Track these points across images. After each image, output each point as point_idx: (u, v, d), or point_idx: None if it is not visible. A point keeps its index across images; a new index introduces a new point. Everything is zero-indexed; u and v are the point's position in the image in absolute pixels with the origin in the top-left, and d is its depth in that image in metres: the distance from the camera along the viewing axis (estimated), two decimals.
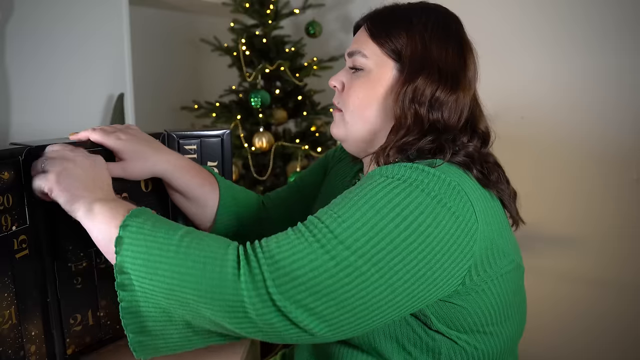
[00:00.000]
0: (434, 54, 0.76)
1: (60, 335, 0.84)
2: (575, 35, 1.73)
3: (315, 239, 0.61)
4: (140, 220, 0.65)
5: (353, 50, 0.83)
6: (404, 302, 0.62)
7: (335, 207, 0.65)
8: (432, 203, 0.62)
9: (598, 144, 1.70)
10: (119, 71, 1.50)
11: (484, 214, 0.67)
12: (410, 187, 0.63)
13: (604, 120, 1.69)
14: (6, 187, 0.73)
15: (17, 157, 0.75)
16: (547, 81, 1.77)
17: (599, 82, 1.70)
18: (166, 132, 0.96)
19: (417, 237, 0.61)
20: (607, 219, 1.70)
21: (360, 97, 0.80)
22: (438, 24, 0.79)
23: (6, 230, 0.73)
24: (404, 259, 0.60)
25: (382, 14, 0.83)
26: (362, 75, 0.81)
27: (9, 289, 0.74)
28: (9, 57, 1.22)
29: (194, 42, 2.23)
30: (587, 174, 1.71)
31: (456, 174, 0.67)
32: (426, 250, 0.61)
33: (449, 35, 0.79)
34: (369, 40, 0.81)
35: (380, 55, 0.79)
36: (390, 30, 0.79)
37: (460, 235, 0.63)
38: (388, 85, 0.78)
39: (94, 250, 0.87)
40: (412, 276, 0.61)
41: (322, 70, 1.97)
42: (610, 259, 1.69)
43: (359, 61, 0.81)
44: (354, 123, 0.81)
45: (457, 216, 0.63)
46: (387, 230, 0.60)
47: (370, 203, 0.63)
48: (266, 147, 1.78)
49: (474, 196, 0.66)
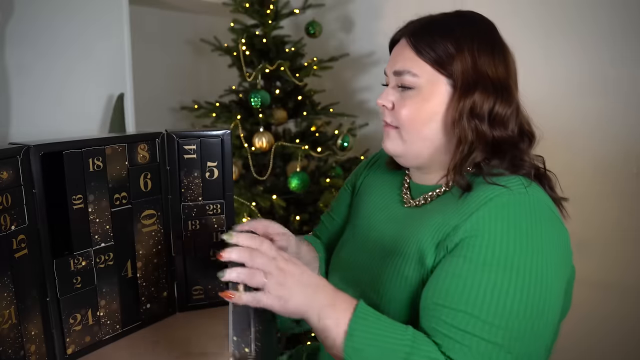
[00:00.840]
0: (484, 67, 0.77)
1: (60, 335, 0.84)
2: (574, 32, 1.73)
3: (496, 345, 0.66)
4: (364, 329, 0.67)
5: (401, 70, 0.81)
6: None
7: (476, 309, 0.67)
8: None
9: (598, 144, 1.70)
10: (119, 71, 1.50)
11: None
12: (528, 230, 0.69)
13: (604, 120, 1.69)
14: (5, 187, 0.73)
15: (16, 156, 0.75)
16: (546, 78, 1.77)
17: (598, 78, 1.70)
18: (166, 132, 0.96)
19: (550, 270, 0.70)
20: (608, 220, 1.70)
21: (416, 116, 0.79)
22: (481, 34, 0.79)
23: (5, 229, 0.73)
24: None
25: (422, 27, 0.81)
26: (414, 93, 0.79)
27: (8, 288, 0.74)
28: (9, 57, 1.22)
29: (194, 42, 2.23)
30: (587, 174, 1.71)
31: (543, 196, 0.74)
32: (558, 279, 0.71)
33: (493, 44, 0.79)
34: (415, 58, 0.79)
35: (431, 72, 0.78)
36: (437, 46, 0.77)
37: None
38: (443, 101, 0.78)
39: (93, 249, 0.87)
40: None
41: (322, 70, 1.97)
42: (611, 261, 1.69)
43: (409, 80, 0.79)
44: (413, 141, 0.81)
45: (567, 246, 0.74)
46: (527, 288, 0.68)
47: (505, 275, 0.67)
48: (266, 147, 1.78)
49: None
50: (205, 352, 0.89)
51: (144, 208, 0.94)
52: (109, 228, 0.89)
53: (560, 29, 1.75)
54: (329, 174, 1.92)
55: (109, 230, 0.89)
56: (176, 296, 1.02)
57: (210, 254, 1.02)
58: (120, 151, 0.89)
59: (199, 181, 0.99)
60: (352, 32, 2.31)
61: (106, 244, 0.89)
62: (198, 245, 1.01)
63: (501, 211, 0.70)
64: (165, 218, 0.98)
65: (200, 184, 0.99)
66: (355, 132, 1.97)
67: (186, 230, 1.00)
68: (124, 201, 0.91)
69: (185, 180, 0.98)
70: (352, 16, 2.30)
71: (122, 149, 0.89)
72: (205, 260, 1.02)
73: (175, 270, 1.01)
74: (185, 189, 0.99)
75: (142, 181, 0.93)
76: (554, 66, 1.76)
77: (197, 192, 0.99)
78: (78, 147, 0.83)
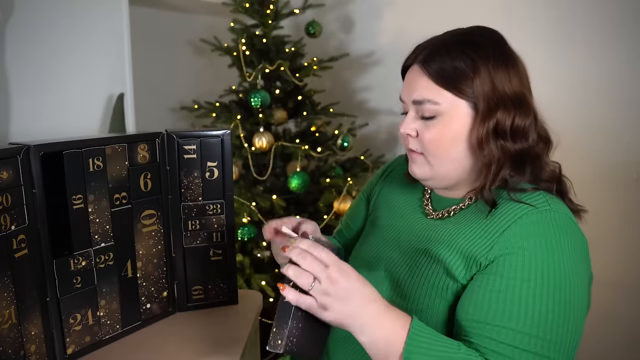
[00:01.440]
0: (502, 84, 0.77)
1: (60, 335, 0.84)
2: (576, 36, 1.73)
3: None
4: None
5: (420, 100, 0.80)
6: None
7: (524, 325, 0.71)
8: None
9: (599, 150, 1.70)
10: (119, 71, 1.50)
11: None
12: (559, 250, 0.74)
13: (604, 125, 1.69)
14: (5, 187, 0.73)
15: (16, 156, 0.75)
16: (546, 81, 1.76)
17: (599, 81, 1.70)
18: (166, 132, 0.96)
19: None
20: (608, 220, 1.70)
21: (441, 140, 0.79)
22: (494, 50, 0.79)
23: (5, 229, 0.73)
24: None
25: (434, 52, 0.79)
26: (437, 120, 0.79)
27: (8, 288, 0.74)
28: (9, 57, 1.22)
29: (194, 42, 2.23)
30: (587, 179, 1.70)
31: (564, 209, 0.79)
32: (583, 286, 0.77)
33: (507, 58, 0.79)
34: (433, 85, 0.79)
35: (451, 97, 0.78)
36: (453, 71, 0.77)
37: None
38: (466, 122, 0.79)
39: (93, 249, 0.87)
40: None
41: (322, 70, 1.97)
42: (612, 262, 1.69)
43: (430, 109, 0.79)
44: (440, 164, 0.81)
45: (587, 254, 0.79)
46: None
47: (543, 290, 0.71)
48: (266, 147, 1.78)
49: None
50: (205, 352, 0.89)
51: (144, 208, 0.94)
52: (109, 228, 0.89)
53: (562, 34, 1.75)
54: (329, 174, 1.92)
55: (109, 230, 0.89)
56: (176, 296, 1.02)
57: (210, 254, 1.02)
58: (120, 151, 0.89)
59: (199, 181, 0.99)
60: (352, 32, 2.31)
61: (106, 244, 0.89)
62: (198, 245, 1.01)
63: (532, 228, 0.74)
64: (165, 218, 0.98)
65: (200, 184, 0.99)
66: (355, 132, 1.98)
67: (186, 230, 1.00)
68: (124, 201, 0.91)
69: (185, 180, 0.98)
70: (352, 16, 2.30)
71: (122, 149, 0.89)
72: (205, 260, 1.02)
73: (175, 270, 1.01)
74: (185, 189, 0.99)
75: (142, 181, 0.93)
76: (555, 72, 1.76)
77: (197, 192, 0.99)
78: (78, 147, 0.83)
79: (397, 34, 2.14)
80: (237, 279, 1.20)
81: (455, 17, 1.95)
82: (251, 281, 1.70)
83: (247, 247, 1.82)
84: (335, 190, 1.83)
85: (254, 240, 1.79)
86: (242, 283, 1.68)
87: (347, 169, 1.98)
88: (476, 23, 0.85)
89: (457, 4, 1.93)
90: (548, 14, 1.76)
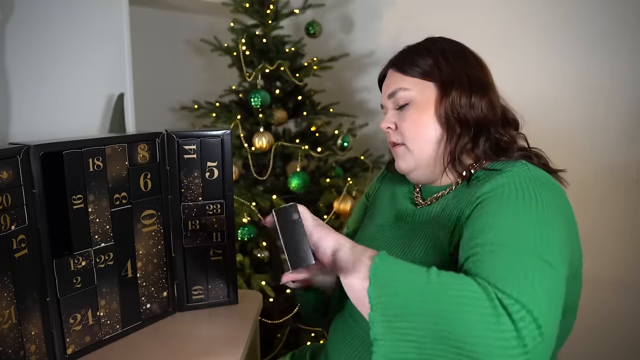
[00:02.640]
0: (457, 67, 0.89)
1: (60, 335, 0.84)
2: (575, 35, 1.73)
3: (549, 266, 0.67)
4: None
5: (392, 91, 0.92)
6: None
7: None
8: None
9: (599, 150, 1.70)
10: (119, 71, 1.49)
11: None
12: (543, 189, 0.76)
13: (603, 121, 1.69)
14: (5, 187, 0.73)
15: (16, 156, 0.75)
16: (546, 80, 1.77)
17: (598, 81, 1.70)
18: (166, 132, 0.96)
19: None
20: (607, 220, 1.70)
21: (417, 123, 0.89)
22: (450, 45, 0.92)
23: (5, 229, 0.73)
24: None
25: (402, 55, 0.94)
26: (411, 107, 0.90)
27: (8, 288, 0.74)
28: (8, 57, 1.22)
29: (194, 42, 2.23)
30: (587, 179, 1.70)
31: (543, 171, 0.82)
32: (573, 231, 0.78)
33: (462, 51, 0.92)
34: (402, 77, 0.91)
35: (418, 82, 0.90)
36: (416, 60, 0.90)
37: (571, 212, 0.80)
38: (434, 103, 0.88)
39: (93, 249, 0.87)
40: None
41: (322, 70, 1.96)
42: (610, 260, 1.69)
43: (402, 96, 0.90)
44: (419, 147, 0.89)
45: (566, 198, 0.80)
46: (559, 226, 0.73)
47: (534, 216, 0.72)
48: (266, 147, 1.77)
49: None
50: (205, 352, 0.89)
51: (144, 208, 0.94)
52: (109, 228, 0.89)
53: (560, 32, 1.75)
54: (329, 174, 1.92)
55: (109, 230, 0.89)
56: (176, 296, 1.02)
57: (210, 254, 1.02)
58: (120, 151, 0.89)
59: (199, 181, 0.99)
60: (352, 32, 2.31)
61: (106, 244, 0.89)
62: (198, 246, 1.01)
63: (509, 178, 0.78)
64: (165, 218, 0.98)
65: (200, 184, 0.99)
66: (355, 132, 1.97)
67: (186, 230, 1.00)
68: (124, 201, 0.91)
69: (185, 180, 0.98)
70: (352, 16, 2.30)
71: (122, 149, 0.90)
72: (205, 260, 1.02)
73: (175, 270, 1.01)
74: (185, 189, 0.99)
75: (142, 181, 0.93)
76: (553, 71, 1.76)
77: (197, 192, 0.99)
78: (78, 147, 0.83)
79: (397, 34, 2.14)
80: (237, 279, 1.20)
81: (455, 17, 1.96)
82: (251, 281, 1.70)
83: (247, 247, 1.82)
84: (335, 190, 1.83)
85: (254, 240, 1.79)
86: (242, 283, 1.68)
87: (347, 169, 1.98)
88: (476, 23, 0.87)
89: (457, 4, 1.92)
90: (550, 13, 1.76)
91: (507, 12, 1.83)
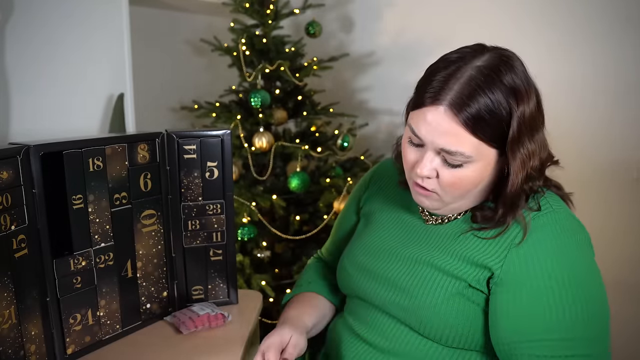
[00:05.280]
0: (527, 131, 0.75)
1: (60, 335, 0.84)
2: (576, 34, 1.72)
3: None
4: None
5: (451, 151, 0.73)
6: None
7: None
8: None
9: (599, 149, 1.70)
10: (119, 71, 1.49)
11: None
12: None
13: (603, 120, 1.69)
14: (5, 187, 0.73)
15: (16, 156, 0.75)
16: (546, 79, 1.76)
17: (597, 80, 1.70)
18: (166, 132, 0.96)
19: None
20: (607, 220, 1.70)
21: (462, 186, 0.76)
22: (527, 90, 0.75)
23: (5, 229, 0.73)
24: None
25: (466, 96, 0.71)
26: (466, 168, 0.75)
27: (8, 288, 0.74)
28: (8, 57, 1.22)
29: (194, 42, 2.23)
30: (587, 179, 1.70)
31: (563, 205, 0.82)
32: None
33: (530, 93, 0.76)
34: (467, 136, 0.72)
35: (482, 149, 0.73)
36: (491, 123, 0.72)
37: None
38: (490, 168, 0.76)
39: (93, 249, 0.87)
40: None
41: (322, 70, 1.96)
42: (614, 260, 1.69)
43: (459, 159, 0.74)
44: (454, 202, 0.80)
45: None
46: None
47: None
48: (266, 147, 1.77)
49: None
50: (205, 352, 0.89)
51: (144, 208, 0.94)
52: (109, 228, 0.89)
53: (560, 32, 1.75)
54: (329, 174, 1.92)
55: (109, 230, 0.89)
56: (176, 296, 1.02)
57: (210, 254, 1.02)
58: (120, 151, 0.89)
59: (199, 181, 0.99)
60: (352, 32, 2.31)
61: (106, 244, 0.89)
62: (198, 245, 1.01)
63: (540, 234, 0.76)
64: (165, 218, 0.98)
65: (200, 184, 0.99)
66: (355, 132, 1.97)
67: (186, 230, 1.00)
68: (124, 201, 0.91)
69: (185, 180, 0.98)
70: (352, 16, 2.30)
71: (122, 149, 0.90)
72: (205, 260, 1.02)
73: (175, 270, 1.01)
74: (185, 189, 0.99)
75: (142, 181, 0.93)
76: (554, 71, 1.76)
77: (197, 192, 0.99)
78: (78, 147, 0.83)
79: (397, 34, 2.14)
80: (237, 279, 1.20)
81: (456, 17, 1.96)
82: (251, 281, 1.70)
83: (247, 247, 1.82)
84: (335, 190, 1.83)
85: (254, 240, 1.79)
86: (242, 283, 1.68)
87: (347, 169, 1.98)
88: (477, 23, 0.85)
89: (457, 3, 1.92)
90: (551, 12, 1.76)
91: (508, 11, 1.82)
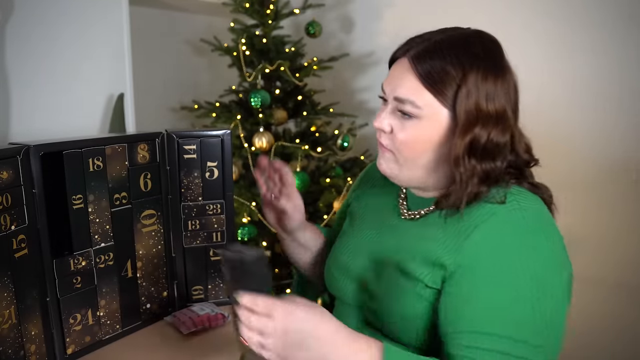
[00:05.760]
0: (485, 101, 0.74)
1: (60, 335, 0.84)
2: (575, 34, 1.72)
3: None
4: None
5: (403, 98, 0.77)
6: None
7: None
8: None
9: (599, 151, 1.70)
10: (119, 71, 1.49)
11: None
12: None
13: (603, 122, 1.69)
14: (5, 187, 0.73)
15: (16, 156, 0.75)
16: (545, 81, 1.76)
17: (598, 82, 1.70)
18: (166, 132, 0.96)
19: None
20: (607, 220, 1.70)
21: (414, 143, 0.78)
22: (486, 60, 0.76)
23: (5, 229, 0.73)
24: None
25: (427, 51, 0.76)
26: (414, 123, 0.77)
27: (8, 288, 0.74)
28: (8, 57, 1.22)
29: (194, 42, 2.23)
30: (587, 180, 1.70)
31: (535, 204, 0.76)
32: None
33: (497, 70, 0.76)
34: (419, 86, 0.75)
35: (434, 103, 0.75)
36: (442, 76, 0.74)
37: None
38: (442, 133, 0.77)
39: (93, 249, 0.87)
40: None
41: (322, 70, 1.97)
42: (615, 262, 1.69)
43: (410, 110, 0.76)
44: (408, 168, 0.80)
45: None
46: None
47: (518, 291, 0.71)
48: (266, 147, 1.77)
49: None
50: (205, 352, 0.89)
51: (144, 208, 0.94)
52: (109, 228, 0.89)
53: (561, 32, 1.75)
54: (329, 174, 1.92)
55: (109, 230, 0.89)
56: (176, 296, 1.02)
57: (210, 254, 1.02)
58: (120, 151, 0.89)
59: (199, 181, 0.99)
60: (352, 32, 2.31)
61: (106, 244, 0.89)
62: (198, 245, 1.01)
63: (500, 230, 0.73)
64: (165, 218, 0.98)
65: (200, 184, 0.99)
66: (355, 132, 1.97)
67: (186, 230, 1.00)
68: (124, 201, 0.91)
69: (185, 180, 0.98)
70: (352, 16, 2.30)
71: (122, 149, 0.90)
72: (205, 260, 1.02)
73: (175, 270, 1.01)
74: (185, 189, 0.99)
75: (142, 181, 0.93)
76: (554, 71, 1.76)
77: (197, 192, 0.99)
78: (78, 147, 0.83)
79: (397, 34, 2.13)
80: None
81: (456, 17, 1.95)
82: None
83: None
84: (335, 190, 1.83)
85: (254, 240, 1.79)
86: None
87: (347, 169, 1.98)
88: (477, 23, 0.85)
89: (458, 3, 1.92)
90: (552, 12, 1.76)
91: (508, 11, 1.83)
